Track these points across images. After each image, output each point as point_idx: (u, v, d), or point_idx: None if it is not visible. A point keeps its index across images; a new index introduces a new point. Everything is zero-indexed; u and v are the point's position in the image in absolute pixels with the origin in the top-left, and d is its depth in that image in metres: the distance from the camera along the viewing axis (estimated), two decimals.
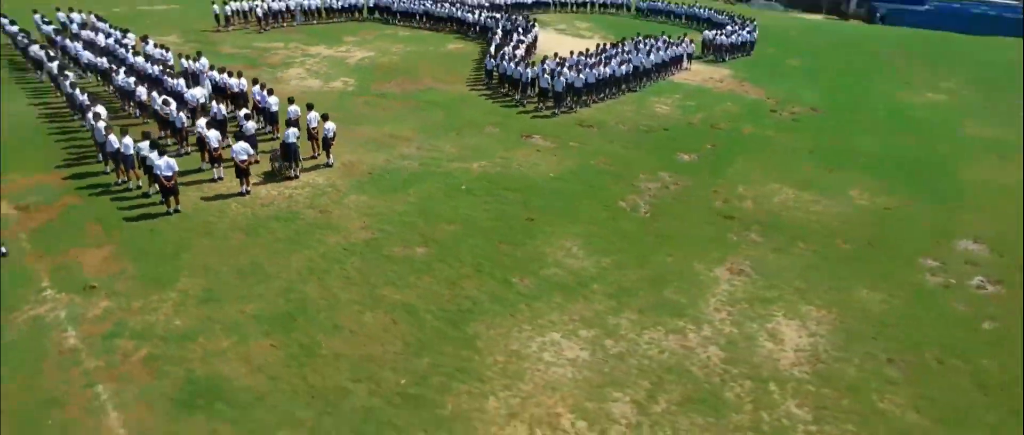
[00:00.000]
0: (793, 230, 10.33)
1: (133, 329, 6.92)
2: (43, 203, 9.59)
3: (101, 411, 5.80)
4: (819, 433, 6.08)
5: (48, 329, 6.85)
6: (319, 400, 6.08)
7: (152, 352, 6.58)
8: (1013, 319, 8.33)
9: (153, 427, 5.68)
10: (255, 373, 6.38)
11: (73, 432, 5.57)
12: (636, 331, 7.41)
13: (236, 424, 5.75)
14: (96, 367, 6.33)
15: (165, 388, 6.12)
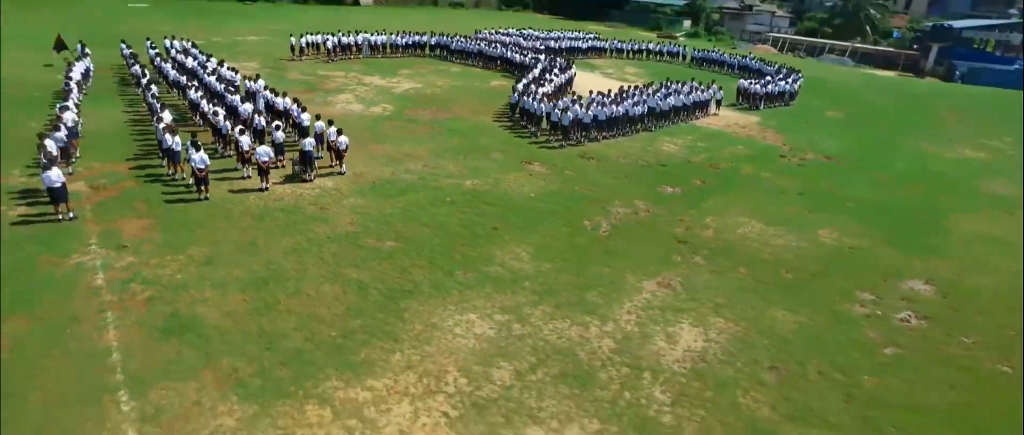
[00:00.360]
0: (741, 257, 11.11)
1: (145, 278, 8.84)
2: (108, 184, 11.99)
3: (105, 329, 7.65)
4: (670, 413, 7.00)
5: (84, 272, 8.89)
6: (264, 339, 7.67)
7: (152, 295, 8.45)
8: (920, 347, 8.78)
9: (138, 343, 7.45)
10: (224, 317, 8.07)
11: (83, 339, 7.42)
12: (544, 321, 8.57)
13: (197, 348, 7.42)
14: (110, 300, 8.24)
15: (155, 320, 7.92)
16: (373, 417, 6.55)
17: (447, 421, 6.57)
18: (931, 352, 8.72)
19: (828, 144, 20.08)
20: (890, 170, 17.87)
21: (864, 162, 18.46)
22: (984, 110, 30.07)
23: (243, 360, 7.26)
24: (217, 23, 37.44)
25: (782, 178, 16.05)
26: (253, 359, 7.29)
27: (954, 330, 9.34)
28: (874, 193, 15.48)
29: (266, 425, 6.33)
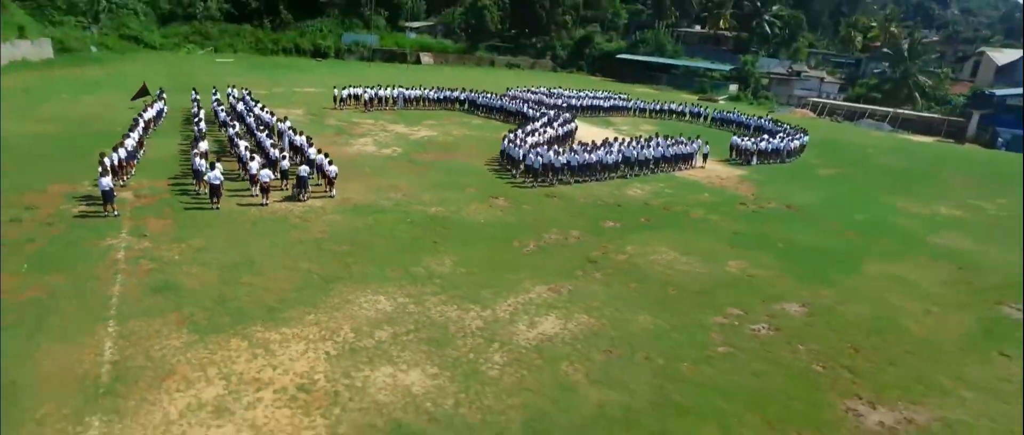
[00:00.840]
0: (638, 276, 13.07)
1: (152, 257, 11.92)
2: (148, 195, 15.46)
3: (113, 285, 10.66)
4: (498, 370, 9.13)
5: (112, 250, 12.07)
6: (220, 299, 10.43)
7: (153, 268, 11.47)
8: (753, 349, 10.45)
9: (133, 296, 10.37)
10: (198, 285, 10.93)
11: (96, 290, 10.43)
12: (435, 305, 10.93)
13: (171, 301, 10.26)
14: (123, 269, 11.31)
15: (149, 282, 10.87)
16: (275, 350, 9.09)
17: (326, 357, 9.02)
18: (760, 353, 10.39)
19: (799, 196, 21.53)
20: (845, 221, 19.15)
21: (824, 213, 19.81)
22: (1001, 175, 30.23)
23: (199, 310, 10.04)
24: (283, 77, 42.78)
25: (727, 221, 17.79)
26: (207, 310, 10.06)
27: (796, 340, 10.94)
28: (811, 238, 16.95)
29: (200, 347, 9.00)
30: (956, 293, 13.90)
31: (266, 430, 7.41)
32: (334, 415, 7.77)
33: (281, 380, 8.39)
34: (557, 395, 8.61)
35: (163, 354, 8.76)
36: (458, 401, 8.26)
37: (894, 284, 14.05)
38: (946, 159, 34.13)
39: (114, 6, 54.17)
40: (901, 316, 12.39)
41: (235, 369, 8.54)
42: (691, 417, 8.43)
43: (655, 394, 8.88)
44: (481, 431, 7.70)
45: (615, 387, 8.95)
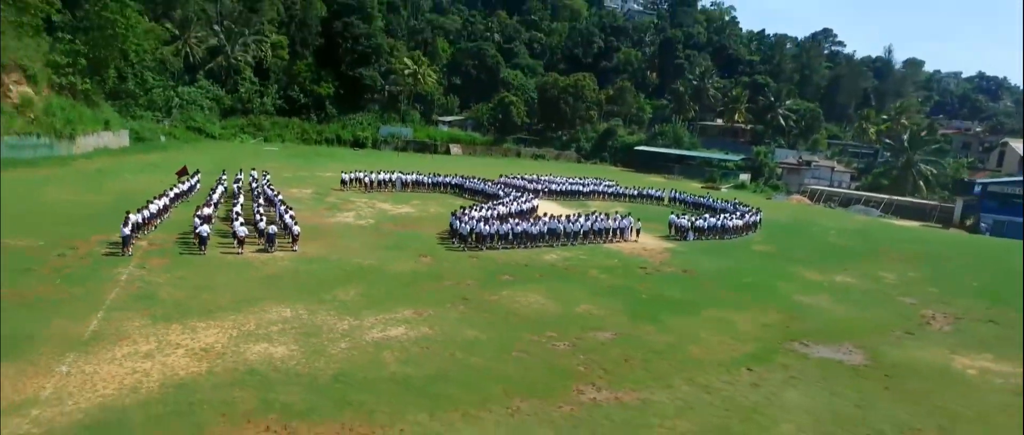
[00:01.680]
0: (492, 309, 17.34)
1: (144, 280, 17.26)
2: (159, 243, 21.17)
3: (110, 293, 15.95)
4: (338, 351, 13.59)
5: (117, 275, 17.50)
6: (177, 305, 15.49)
7: (141, 286, 16.76)
8: (541, 355, 14.48)
9: (121, 300, 15.59)
10: (170, 297, 16.07)
11: (95, 298, 15.70)
12: (322, 316, 15.59)
13: (146, 305, 15.40)
14: (121, 285, 16.64)
15: (135, 294, 16.10)
16: (198, 332, 13.94)
17: (229, 337, 13.80)
18: (544, 358, 14.41)
19: (705, 264, 25.27)
20: (730, 282, 22.74)
21: (715, 277, 23.46)
22: (941, 255, 32.66)
23: (161, 309, 15.12)
24: (314, 163, 49.99)
25: (614, 279, 21.85)
26: (166, 310, 15.13)
27: (582, 352, 14.90)
28: (677, 293, 20.75)
29: (150, 327, 13.97)
30: (763, 332, 17.40)
31: (172, 366, 12.15)
32: (217, 363, 12.47)
33: (193, 345, 13.21)
34: (367, 365, 13.03)
35: (125, 329, 13.78)
36: (298, 363, 12.82)
37: (715, 324, 17.72)
38: (904, 241, 36.66)
39: (185, 103, 64.42)
40: (693, 343, 16.09)
41: (168, 338, 13.44)
42: (454, 385, 12.60)
43: (439, 372, 13.12)
44: (303, 377, 12.20)
45: (412, 365, 13.27)
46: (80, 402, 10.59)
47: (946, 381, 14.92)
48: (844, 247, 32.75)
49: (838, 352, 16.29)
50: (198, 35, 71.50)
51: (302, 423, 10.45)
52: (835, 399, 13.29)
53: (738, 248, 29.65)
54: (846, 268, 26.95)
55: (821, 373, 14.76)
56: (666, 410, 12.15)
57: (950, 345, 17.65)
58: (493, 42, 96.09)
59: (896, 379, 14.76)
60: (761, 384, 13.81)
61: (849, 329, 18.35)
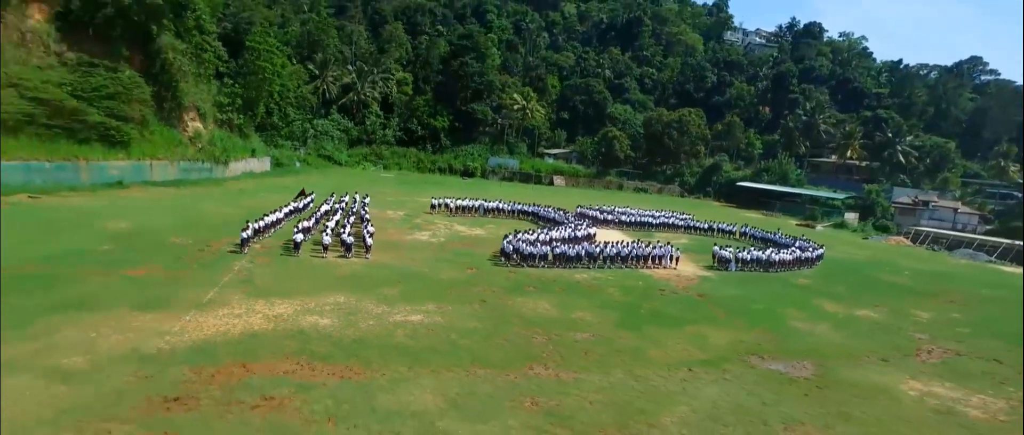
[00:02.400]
0: (499, 310, 21.58)
1: (249, 271, 23.51)
2: (269, 246, 27.79)
3: (223, 277, 22.27)
4: (366, 324, 18.57)
5: (233, 266, 23.96)
6: (265, 289, 21.39)
7: (245, 275, 22.98)
8: (519, 342, 18.52)
9: (229, 282, 21.80)
10: (262, 283, 22.10)
11: (215, 278, 22.06)
12: (365, 303, 20.72)
13: (244, 286, 21.48)
14: (233, 272, 22.98)
15: (239, 279, 22.27)
16: (275, 305, 19.61)
17: (293, 312, 19.29)
18: (521, 346, 18.39)
19: (726, 292, 27.71)
20: (735, 307, 25.15)
21: (726, 302, 25.93)
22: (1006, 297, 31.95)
23: (255, 290, 21.07)
24: (420, 189, 56.95)
25: (626, 296, 25.20)
26: (258, 290, 21.05)
27: (554, 345, 18.71)
28: (676, 311, 23.71)
29: (245, 301, 19.85)
30: (730, 346, 20.07)
31: (250, 323, 17.76)
32: (280, 325, 17.92)
33: (268, 313, 18.84)
34: (381, 336, 17.87)
35: (228, 299, 19.76)
36: (333, 330, 17.95)
37: (689, 337, 20.68)
38: (987, 285, 35.76)
39: (318, 133, 75.18)
40: (655, 348, 19.29)
41: (253, 308, 19.20)
42: (437, 354, 17.05)
43: (432, 346, 17.65)
44: (332, 338, 17.28)
45: (414, 340, 17.92)
46: (193, 336, 16.37)
47: (872, 395, 16.95)
48: (898, 286, 33.11)
49: (788, 367, 18.71)
50: (334, 74, 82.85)
51: (320, 363, 15.46)
52: (748, 397, 16.08)
53: (775, 281, 31.39)
54: (877, 305, 27.99)
55: (756, 379, 17.44)
56: (590, 387, 15.77)
57: (916, 372, 19.23)
58: (603, 78, 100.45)
59: (825, 389, 17.08)
60: (690, 380, 16.88)
61: (819, 351, 20.45)
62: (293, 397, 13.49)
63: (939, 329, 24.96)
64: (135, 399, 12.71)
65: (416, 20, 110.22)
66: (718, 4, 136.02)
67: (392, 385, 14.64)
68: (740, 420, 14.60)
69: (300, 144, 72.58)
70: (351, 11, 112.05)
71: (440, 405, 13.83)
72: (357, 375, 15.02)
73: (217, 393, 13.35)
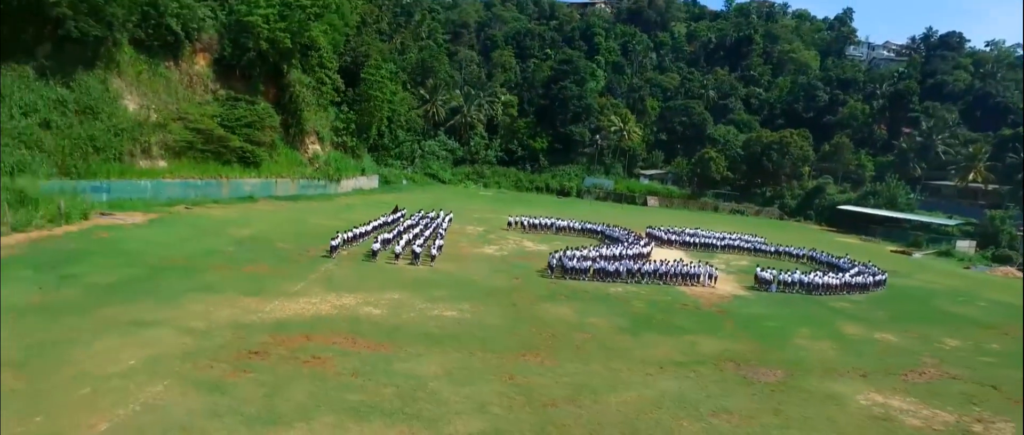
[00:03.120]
0: (522, 311, 26.00)
1: (333, 271, 29.73)
2: (352, 253, 34.16)
3: (312, 275, 28.62)
4: (409, 315, 23.80)
5: (322, 267, 30.37)
6: (346, 286, 27.42)
7: (330, 274, 29.23)
8: (529, 333, 22.90)
9: (316, 278, 28.07)
10: (339, 281, 28.19)
11: (305, 275, 28.45)
12: (414, 300, 26.01)
13: (327, 282, 27.63)
14: (320, 271, 29.29)
15: (324, 278, 28.51)
16: (342, 296, 25.44)
17: (355, 302, 25.00)
18: (525, 339, 22.76)
19: (752, 309, 30.20)
20: (748, 323, 27.69)
21: (743, 318, 28.50)
22: None
23: (333, 286, 27.11)
24: (509, 207, 62.39)
25: (648, 309, 28.55)
26: (335, 286, 27.07)
27: (554, 340, 22.85)
28: (686, 323, 26.83)
29: (323, 294, 25.85)
30: (714, 353, 23.06)
31: (320, 309, 23.59)
32: (342, 311, 23.60)
33: (337, 303, 24.60)
34: (416, 324, 22.99)
35: (309, 292, 25.82)
36: (381, 317, 23.32)
37: (682, 343, 23.88)
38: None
39: (425, 153, 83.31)
40: (645, 350, 22.83)
41: (326, 298, 25.01)
42: (455, 340, 21.83)
43: (453, 334, 22.49)
44: (377, 323, 22.65)
45: (441, 329, 22.85)
46: (276, 315, 22.42)
47: (818, 400, 19.48)
48: (957, 315, 33.39)
49: (756, 372, 21.53)
50: (443, 98, 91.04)
51: (362, 338, 20.84)
52: (696, 391, 19.34)
53: (812, 303, 33.02)
54: (908, 330, 29.11)
55: (717, 379, 20.56)
56: (565, 372, 19.85)
57: (887, 388, 21.20)
58: (706, 99, 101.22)
59: (777, 392, 19.86)
60: (655, 375, 20.40)
61: (801, 363, 22.89)
62: (334, 359, 18.91)
63: (959, 357, 25.93)
64: (230, 350, 18.71)
65: (525, 44, 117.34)
66: (840, 18, 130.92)
67: (408, 358, 19.66)
68: (675, 406, 18.05)
69: (408, 163, 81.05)
70: (466, 36, 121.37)
71: (437, 373, 18.64)
72: (385, 350, 20.22)
73: (283, 352, 19.08)
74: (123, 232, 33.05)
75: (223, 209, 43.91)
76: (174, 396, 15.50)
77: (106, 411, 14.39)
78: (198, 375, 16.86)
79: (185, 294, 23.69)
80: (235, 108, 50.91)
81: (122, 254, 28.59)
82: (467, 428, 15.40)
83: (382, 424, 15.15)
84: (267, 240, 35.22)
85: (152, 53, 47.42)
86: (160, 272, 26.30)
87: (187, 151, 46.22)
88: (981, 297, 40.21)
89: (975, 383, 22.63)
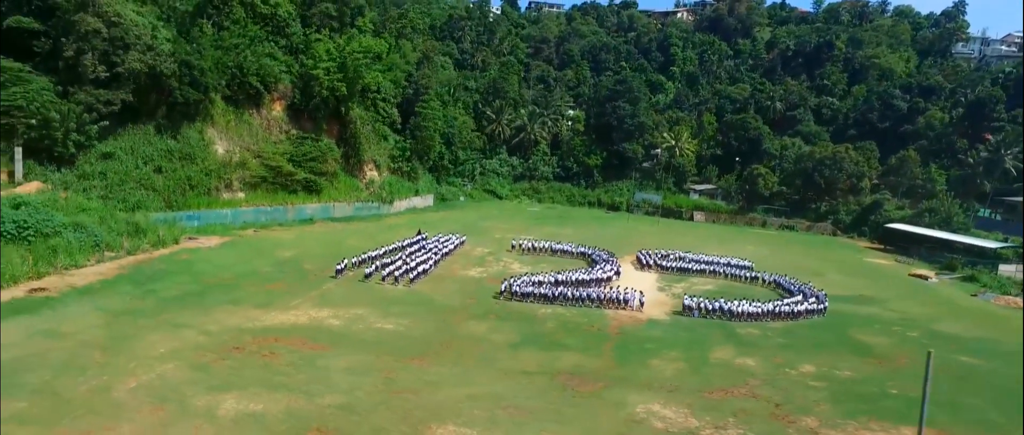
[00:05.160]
0: (445, 324, 36.12)
1: (329, 289, 41.52)
2: (352, 275, 45.86)
3: (316, 292, 40.51)
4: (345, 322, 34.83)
5: (322, 285, 42.26)
6: (335, 301, 39.01)
7: (329, 294, 41.02)
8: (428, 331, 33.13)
9: (312, 296, 39.88)
10: (333, 297, 39.83)
11: (308, 291, 40.37)
12: (368, 316, 37.03)
13: (322, 298, 39.39)
14: (322, 289, 41.15)
15: (323, 295, 40.24)
16: (336, 307, 36.98)
17: (329, 313, 36.43)
18: (425, 333, 32.94)
19: (651, 333, 38.05)
20: (628, 348, 35.77)
21: (633, 342, 36.55)
22: None
23: (323, 300, 38.77)
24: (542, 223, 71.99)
25: (551, 326, 37.52)
26: (326, 300, 38.72)
27: (429, 345, 32.80)
28: (569, 340, 35.51)
29: (317, 305, 37.57)
30: (562, 368, 31.81)
31: (298, 319, 35.17)
32: (311, 322, 35.08)
33: (312, 316, 36.12)
34: (358, 332, 33.93)
35: (302, 305, 37.63)
36: (338, 326, 34.54)
37: (546, 358, 32.83)
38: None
39: (486, 171, 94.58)
40: (511, 361, 32.10)
41: (308, 312, 36.64)
42: (370, 345, 32.47)
43: (378, 339, 33.13)
44: (333, 330, 33.84)
45: (371, 335, 33.56)
46: (267, 323, 34.14)
47: (603, 406, 27.79)
48: (855, 343, 38.83)
49: (581, 384, 30.12)
50: (508, 117, 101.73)
51: (311, 341, 32.00)
52: (515, 392, 28.45)
53: (718, 329, 39.97)
54: (782, 356, 35.66)
55: (543, 386, 29.46)
56: (428, 373, 29.79)
57: (673, 400, 28.91)
58: (773, 111, 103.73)
59: (577, 399, 28.48)
60: (495, 381, 29.71)
61: (628, 380, 31.01)
62: (283, 354, 30.25)
63: (789, 381, 32.30)
64: (221, 346, 30.62)
65: (600, 58, 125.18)
66: (948, 12, 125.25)
67: (332, 356, 30.53)
68: (486, 400, 27.44)
69: (469, 181, 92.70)
70: (546, 50, 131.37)
71: (342, 367, 29.28)
72: (322, 350, 31.26)
73: (254, 348, 30.71)
74: (198, 254, 47.10)
75: (284, 231, 57.73)
76: (176, 371, 27.52)
77: (137, 376, 26.59)
78: (195, 360, 28.88)
79: (217, 305, 36.31)
80: (302, 145, 64.92)
81: (190, 273, 42.23)
82: (331, 401, 26.01)
83: (282, 394, 26.10)
84: (299, 261, 47.96)
85: (238, 104, 62.36)
86: (210, 288, 39.39)
87: (261, 184, 60.63)
88: (922, 327, 44.14)
89: (764, 401, 29.59)
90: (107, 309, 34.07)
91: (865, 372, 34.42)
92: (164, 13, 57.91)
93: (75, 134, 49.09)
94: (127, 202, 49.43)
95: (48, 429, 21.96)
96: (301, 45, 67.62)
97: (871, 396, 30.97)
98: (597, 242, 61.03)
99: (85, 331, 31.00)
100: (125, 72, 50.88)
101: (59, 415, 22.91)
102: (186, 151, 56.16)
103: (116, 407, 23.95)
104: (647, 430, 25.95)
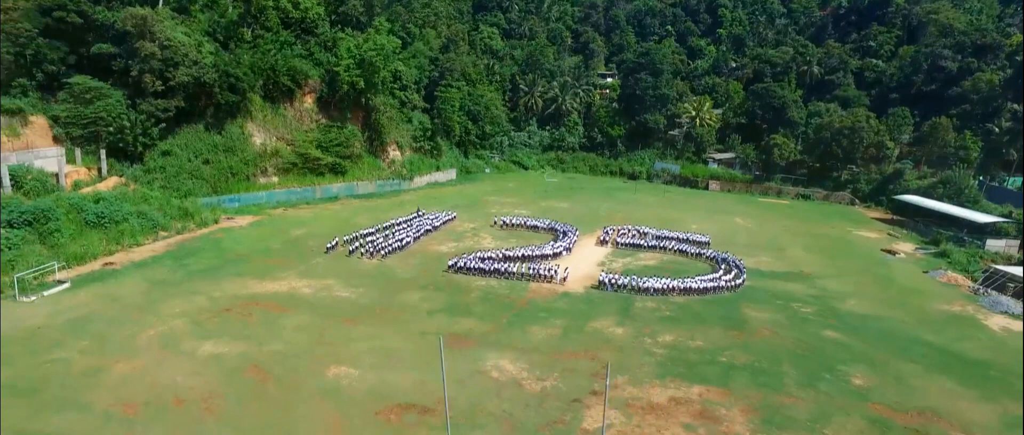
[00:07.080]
0: (389, 293, 49.19)
1: (318, 264, 55.64)
2: (341, 249, 59.79)
3: (312, 261, 54.83)
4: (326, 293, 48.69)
5: (313, 259, 56.49)
6: (320, 273, 53.19)
7: (313, 267, 55.16)
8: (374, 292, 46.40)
9: (302, 269, 54.15)
10: (316, 270, 54.01)
11: (303, 261, 54.67)
12: (342, 288, 50.75)
13: (311, 270, 53.64)
14: (311, 264, 55.40)
15: (310, 268, 54.55)
16: (305, 280, 51.14)
17: (308, 281, 50.52)
18: (373, 299, 46.18)
19: (557, 305, 49.21)
20: (526, 316, 47.24)
21: (536, 312, 47.89)
22: None
23: (309, 272, 53.02)
24: (550, 197, 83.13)
25: (472, 296, 49.56)
26: (310, 273, 52.95)
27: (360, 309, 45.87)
28: (482, 309, 47.46)
29: (297, 279, 51.85)
30: (457, 331, 43.94)
31: (279, 289, 49.43)
32: (289, 291, 49.21)
33: (292, 285, 50.32)
34: (321, 300, 47.74)
35: (289, 276, 51.99)
36: (307, 295, 48.49)
37: (447, 321, 45.16)
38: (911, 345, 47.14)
39: (514, 143, 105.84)
40: (417, 322, 44.68)
41: (291, 283, 50.93)
42: (322, 308, 46.13)
43: (330, 304, 46.77)
44: (302, 298, 47.83)
45: (327, 300, 47.33)
46: (255, 291, 48.61)
47: (459, 359, 39.86)
48: (736, 318, 48.19)
49: (458, 343, 42.20)
50: (541, 89, 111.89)
51: (281, 306, 46.15)
52: (398, 345, 41.02)
53: (621, 301, 50.31)
54: (653, 326, 45.96)
55: (423, 343, 41.87)
56: (351, 331, 43.02)
57: (527, 360, 40.45)
58: (810, 75, 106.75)
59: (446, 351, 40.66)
60: (389, 337, 42.46)
61: (500, 342, 42.68)
62: (257, 314, 44.46)
63: (644, 347, 42.88)
64: (216, 308, 45.25)
65: (646, 23, 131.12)
66: None
67: (291, 317, 44.31)
68: (367, 351, 40.26)
69: (496, 153, 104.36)
70: (594, 16, 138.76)
71: (293, 325, 42.91)
72: (285, 312, 45.34)
73: (239, 311, 45.08)
74: (229, 233, 62.76)
75: (308, 209, 72.73)
76: (179, 325, 42.46)
77: (156, 328, 41.60)
78: (196, 318, 43.75)
79: (226, 277, 51.35)
80: (329, 132, 79.36)
81: (217, 250, 57.80)
82: (272, 348, 39.86)
83: (242, 342, 40.14)
84: (304, 239, 62.53)
85: (274, 100, 77.42)
86: (227, 263, 54.62)
87: (292, 168, 75.84)
88: (823, 304, 51.98)
89: (598, 363, 40.44)
90: (151, 280, 49.86)
91: (715, 343, 43.76)
92: (210, 27, 73.21)
93: (141, 137, 65.76)
94: (181, 190, 65.81)
95: (98, 358, 37.16)
96: (329, 41, 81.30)
97: (695, 363, 40.45)
98: (585, 217, 71.32)
99: (132, 296, 46.68)
100: (176, 84, 66.71)
101: (103, 351, 38.17)
102: (229, 144, 71.94)
103: (136, 348, 38.91)
104: (484, 378, 37.69)
